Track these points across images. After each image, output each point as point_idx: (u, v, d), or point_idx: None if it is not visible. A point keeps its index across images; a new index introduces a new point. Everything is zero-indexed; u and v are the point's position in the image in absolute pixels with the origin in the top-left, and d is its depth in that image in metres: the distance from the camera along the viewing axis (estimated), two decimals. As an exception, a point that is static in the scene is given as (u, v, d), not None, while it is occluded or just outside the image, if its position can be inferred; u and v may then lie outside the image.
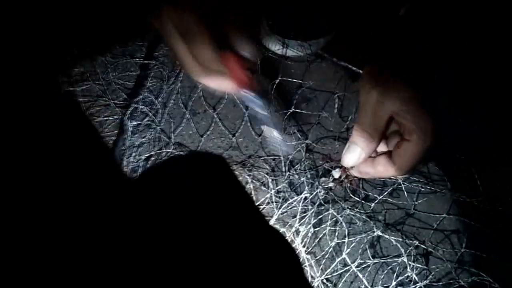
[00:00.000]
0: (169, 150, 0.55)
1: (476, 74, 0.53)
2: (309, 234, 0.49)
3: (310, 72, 0.62)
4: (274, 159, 0.55)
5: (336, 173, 0.50)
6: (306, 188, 0.51)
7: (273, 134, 0.45)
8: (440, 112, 0.53)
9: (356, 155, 0.44)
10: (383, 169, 0.44)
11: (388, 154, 0.45)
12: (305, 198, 0.50)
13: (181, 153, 0.55)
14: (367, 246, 0.50)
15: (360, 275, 0.46)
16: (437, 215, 0.51)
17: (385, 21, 0.48)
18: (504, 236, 0.48)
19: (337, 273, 0.48)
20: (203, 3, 0.39)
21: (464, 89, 0.54)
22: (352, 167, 0.46)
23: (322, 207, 0.51)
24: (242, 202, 0.51)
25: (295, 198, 0.51)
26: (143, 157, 0.54)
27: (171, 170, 0.53)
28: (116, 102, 0.59)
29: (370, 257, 0.49)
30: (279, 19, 0.61)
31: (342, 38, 0.59)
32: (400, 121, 0.43)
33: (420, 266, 0.48)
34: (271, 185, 0.52)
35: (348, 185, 0.51)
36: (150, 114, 0.58)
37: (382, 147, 0.47)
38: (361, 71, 0.50)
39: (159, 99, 0.60)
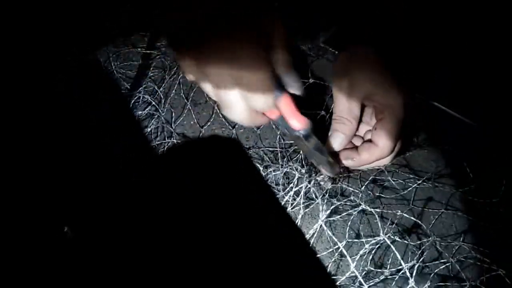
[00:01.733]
0: (171, 141, 0.55)
1: (476, 74, 0.53)
2: (299, 216, 0.50)
3: (311, 68, 0.62)
4: (272, 152, 0.55)
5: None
6: (304, 180, 0.52)
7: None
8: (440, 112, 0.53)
9: (339, 139, 0.48)
10: (368, 154, 0.47)
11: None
12: (298, 191, 0.51)
13: (183, 144, 0.55)
14: (359, 226, 0.50)
15: (347, 255, 0.46)
16: (436, 210, 0.51)
17: (385, 21, 0.48)
18: (503, 234, 0.48)
19: (326, 252, 0.48)
20: (203, 3, 0.39)
21: (464, 89, 0.54)
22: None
23: (315, 201, 0.51)
24: (242, 192, 0.51)
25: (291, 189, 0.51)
26: (146, 148, 0.55)
27: (173, 163, 0.53)
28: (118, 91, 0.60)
29: (361, 235, 0.50)
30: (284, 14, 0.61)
31: (341, 36, 0.59)
32: (372, 104, 0.46)
33: (405, 241, 0.48)
34: (262, 174, 0.53)
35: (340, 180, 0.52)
36: (154, 102, 0.58)
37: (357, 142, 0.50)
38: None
39: (161, 89, 0.60)
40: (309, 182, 0.51)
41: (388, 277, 0.47)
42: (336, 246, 0.48)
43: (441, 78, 0.52)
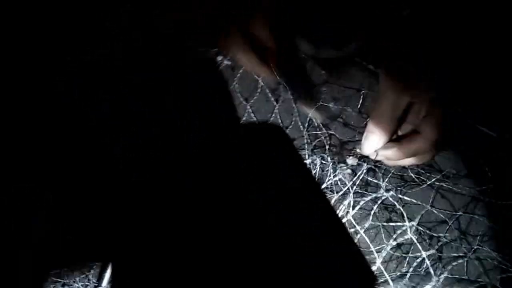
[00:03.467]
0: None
1: (476, 74, 0.53)
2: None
3: (338, 76, 0.61)
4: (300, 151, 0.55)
5: (350, 160, 0.52)
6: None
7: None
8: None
9: (374, 143, 0.47)
10: (410, 142, 0.46)
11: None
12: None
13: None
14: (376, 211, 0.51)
15: (365, 236, 0.49)
16: (454, 213, 0.51)
17: (384, 21, 0.48)
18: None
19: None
20: (203, 3, 0.40)
21: (465, 89, 0.54)
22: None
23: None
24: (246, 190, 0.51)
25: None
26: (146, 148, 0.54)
27: (174, 162, 0.53)
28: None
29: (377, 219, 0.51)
30: (311, 23, 0.61)
31: (370, 45, 0.59)
32: (424, 98, 0.46)
33: (421, 229, 0.50)
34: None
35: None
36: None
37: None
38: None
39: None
40: (333, 176, 0.52)
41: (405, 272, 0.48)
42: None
43: (441, 78, 0.52)
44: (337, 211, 0.50)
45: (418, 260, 0.47)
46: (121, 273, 0.45)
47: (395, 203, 0.50)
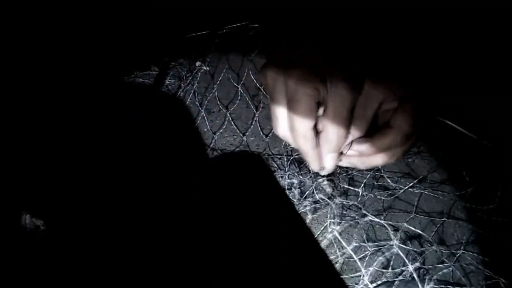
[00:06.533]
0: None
1: (476, 77, 0.53)
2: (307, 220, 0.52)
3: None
4: (279, 158, 0.57)
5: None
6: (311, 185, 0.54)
7: None
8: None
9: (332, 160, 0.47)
10: (383, 136, 0.45)
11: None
12: (306, 196, 0.53)
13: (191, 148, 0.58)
14: (363, 233, 0.52)
15: (355, 257, 0.49)
16: (437, 219, 0.52)
17: (382, 23, 0.49)
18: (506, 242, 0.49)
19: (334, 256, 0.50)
20: None
21: (464, 90, 0.54)
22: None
23: (319, 204, 0.53)
24: (248, 197, 0.53)
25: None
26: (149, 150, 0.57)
27: (181, 167, 0.55)
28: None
29: (365, 240, 0.52)
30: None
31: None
32: (391, 98, 0.45)
33: (410, 248, 0.50)
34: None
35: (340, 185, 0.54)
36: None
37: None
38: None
39: (176, 97, 0.63)
40: (316, 188, 0.54)
41: (389, 279, 0.49)
42: (344, 250, 0.50)
43: (441, 79, 0.53)
44: (319, 230, 0.51)
45: (404, 272, 0.49)
46: (120, 273, 0.46)
47: (379, 220, 0.52)
